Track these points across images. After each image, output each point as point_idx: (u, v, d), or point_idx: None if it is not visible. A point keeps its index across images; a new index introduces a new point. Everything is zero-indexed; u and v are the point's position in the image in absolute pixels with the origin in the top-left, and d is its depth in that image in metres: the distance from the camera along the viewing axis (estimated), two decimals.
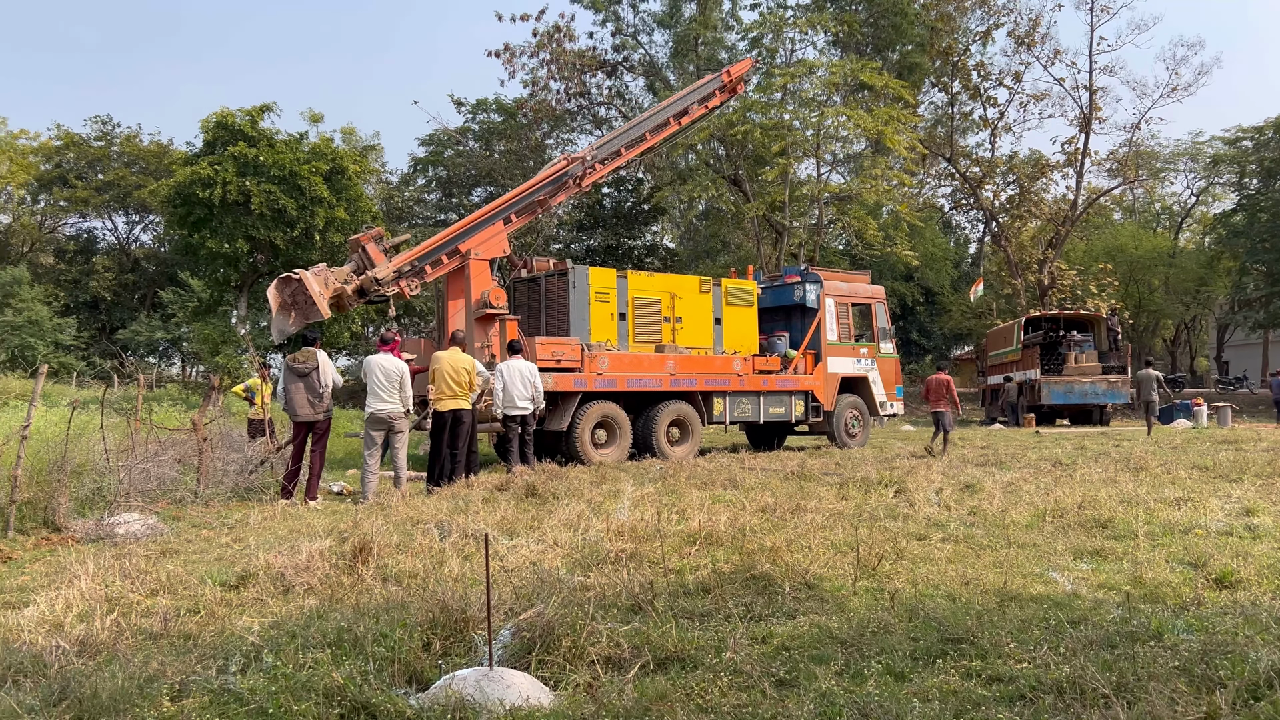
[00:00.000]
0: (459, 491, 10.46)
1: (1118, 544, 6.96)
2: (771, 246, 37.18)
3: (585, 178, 16.22)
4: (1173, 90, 41.04)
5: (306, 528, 8.30)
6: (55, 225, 56.87)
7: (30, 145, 52.76)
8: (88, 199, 51.58)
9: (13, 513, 8.09)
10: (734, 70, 19.10)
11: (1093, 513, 8.15)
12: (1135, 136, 42.84)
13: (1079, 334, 30.97)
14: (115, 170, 51.77)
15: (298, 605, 5.38)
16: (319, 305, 12.27)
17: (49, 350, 40.97)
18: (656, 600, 5.15)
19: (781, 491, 9.91)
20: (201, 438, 11.01)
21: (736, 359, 16.54)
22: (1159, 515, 8.14)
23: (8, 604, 5.63)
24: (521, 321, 15.37)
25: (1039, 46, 38.87)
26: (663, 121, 17.61)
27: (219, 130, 30.30)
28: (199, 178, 28.62)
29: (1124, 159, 42.30)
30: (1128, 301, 46.03)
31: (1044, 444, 18.40)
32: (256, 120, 30.71)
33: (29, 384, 29.19)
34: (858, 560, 6.07)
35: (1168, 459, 13.40)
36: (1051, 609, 4.97)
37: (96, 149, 52.01)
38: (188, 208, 29.53)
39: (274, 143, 30.25)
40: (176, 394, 32.10)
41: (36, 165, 52.38)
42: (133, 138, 52.65)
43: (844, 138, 35.75)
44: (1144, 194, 54.34)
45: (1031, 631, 4.51)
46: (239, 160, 28.88)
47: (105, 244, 57.07)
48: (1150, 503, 8.76)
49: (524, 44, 38.83)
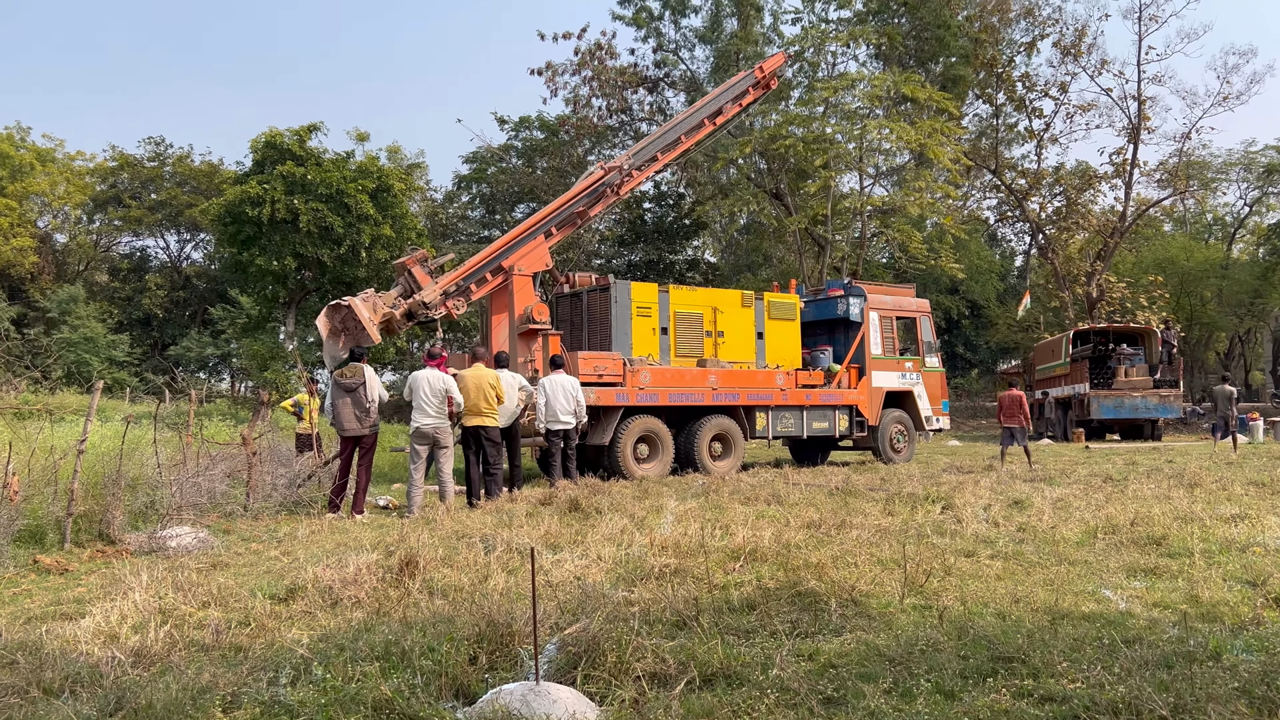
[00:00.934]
0: (503, 506, 10.53)
1: (1172, 562, 6.81)
2: (814, 260, 37.00)
3: (623, 186, 16.27)
4: (1224, 99, 40.27)
5: (353, 541, 8.39)
6: (110, 244, 58.22)
7: (86, 166, 54.14)
8: (141, 218, 52.78)
9: (69, 525, 8.27)
10: (766, 66, 19.03)
11: (1146, 529, 7.99)
12: (1186, 146, 42.06)
13: (1129, 347, 30.42)
14: (167, 190, 52.94)
15: (345, 618, 5.44)
16: (369, 331, 12.49)
17: (103, 366, 41.87)
18: (701, 616, 5.13)
19: (826, 507, 9.83)
20: (251, 452, 11.19)
21: (779, 373, 16.46)
22: (1215, 532, 7.95)
23: (65, 615, 5.75)
24: (564, 336, 15.45)
25: (1085, 57, 38.36)
26: (697, 123, 17.59)
27: (268, 150, 30.89)
28: (248, 196, 29.18)
29: (1174, 169, 41.53)
30: (1179, 314, 45.09)
31: (1094, 459, 18.07)
32: (304, 140, 31.26)
33: (84, 399, 29.87)
34: (905, 577, 6.00)
35: (1223, 474, 13.10)
36: (1105, 628, 4.87)
37: (150, 169, 53.23)
38: (237, 226, 30.10)
39: (321, 162, 30.77)
40: (226, 409, 32.64)
41: (92, 186, 53.72)
42: (184, 158, 53.82)
43: (887, 150, 35.54)
44: (1195, 205, 53.28)
45: (1085, 650, 4.42)
46: (287, 179, 29.40)
47: (157, 262, 58.33)
48: (1205, 519, 8.56)
49: (566, 62, 39.09)
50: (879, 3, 38.44)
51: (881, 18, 38.49)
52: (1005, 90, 39.06)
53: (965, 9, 37.93)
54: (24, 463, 8.95)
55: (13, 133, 50.44)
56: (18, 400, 29.83)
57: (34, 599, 6.39)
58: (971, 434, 34.51)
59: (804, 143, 31.48)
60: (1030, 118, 40.05)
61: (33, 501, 8.49)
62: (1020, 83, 39.06)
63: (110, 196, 53.64)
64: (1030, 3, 38.61)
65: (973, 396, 55.05)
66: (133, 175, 53.35)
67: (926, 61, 38.72)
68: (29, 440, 10.22)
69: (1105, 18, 71.87)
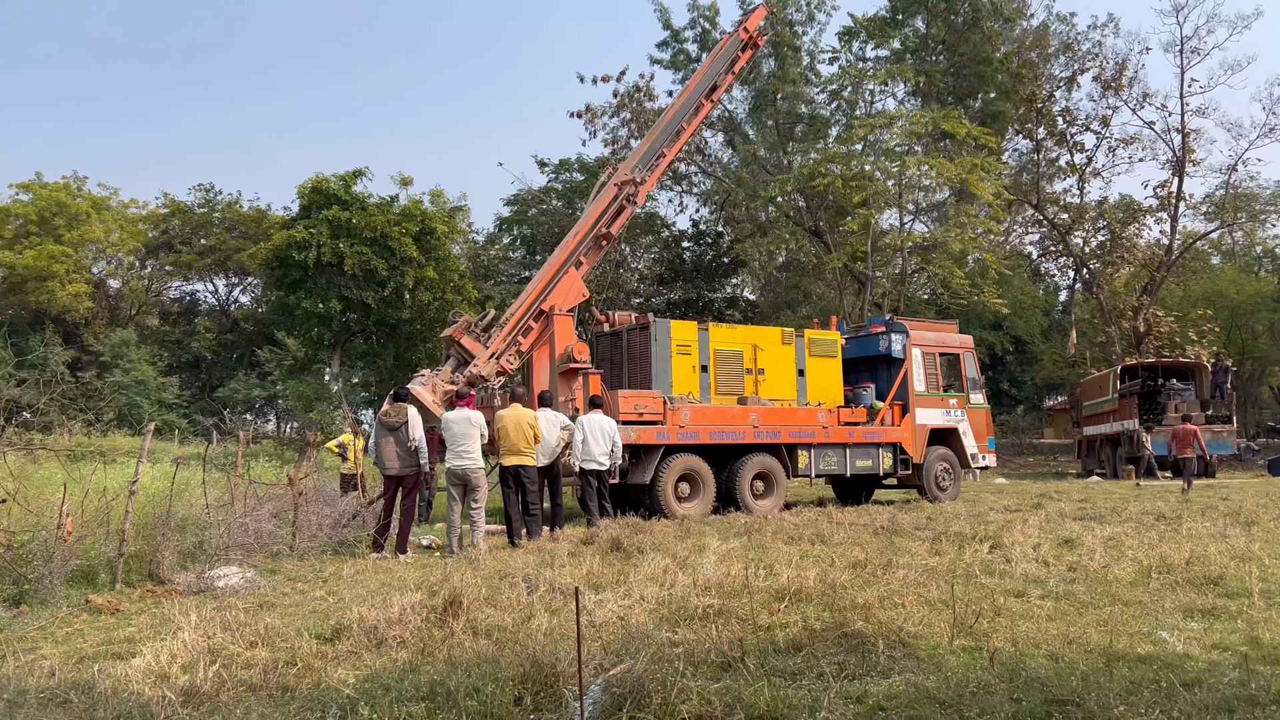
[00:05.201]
0: (544, 545, 10.54)
1: (1230, 602, 6.63)
2: (854, 297, 36.84)
3: (639, 194, 16.28)
4: (1270, 130, 39.57)
5: (398, 581, 8.43)
6: (161, 289, 59.61)
7: (139, 214, 55.62)
8: (191, 263, 54.05)
9: (120, 566, 8.40)
10: (750, 24, 18.74)
11: (1202, 569, 7.79)
12: (1232, 178, 41.45)
13: (1179, 383, 29.82)
14: (216, 235, 54.20)
15: (391, 658, 5.45)
16: (434, 412, 12.61)
17: (154, 409, 42.66)
18: (747, 657, 5.08)
19: (872, 547, 9.71)
20: (297, 493, 11.30)
21: (821, 410, 16.35)
22: (1274, 572, 7.74)
23: (116, 654, 5.83)
24: (604, 375, 15.47)
25: (1127, 90, 38.08)
26: (695, 105, 17.49)
27: (314, 195, 31.53)
28: (295, 241, 29.75)
29: (1221, 201, 40.92)
30: (1230, 348, 44.13)
31: (1145, 497, 17.68)
32: (350, 185, 31.88)
33: (136, 441, 30.40)
34: (954, 618, 5.90)
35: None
36: (1162, 670, 4.75)
37: (200, 215, 54.57)
38: (284, 269, 30.67)
39: (366, 206, 31.33)
40: (272, 449, 33.04)
41: (145, 232, 55.14)
42: (233, 204, 55.12)
43: (926, 187, 35.43)
44: (1244, 237, 52.35)
45: (1141, 693, 4.31)
46: (333, 223, 29.94)
47: (206, 306, 59.62)
48: (1264, 559, 8.34)
49: (605, 104, 39.51)
50: (917, 41, 38.55)
51: (920, 55, 38.58)
52: (1046, 125, 38.85)
53: (1004, 45, 37.91)
54: (77, 504, 9.13)
55: (69, 182, 52.02)
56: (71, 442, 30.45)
57: (86, 639, 6.48)
58: (1019, 471, 33.93)
59: (843, 180, 31.49)
60: (1072, 152, 39.76)
61: (85, 542, 8.64)
62: (1061, 117, 38.83)
63: (162, 242, 55.03)
64: (1070, 38, 38.52)
65: (1019, 433, 54.22)
66: (183, 221, 54.72)
67: (965, 98, 38.69)
68: (82, 482, 10.42)
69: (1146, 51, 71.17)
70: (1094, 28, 39.48)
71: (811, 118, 38.68)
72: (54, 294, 47.32)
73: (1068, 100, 39.12)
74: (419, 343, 32.95)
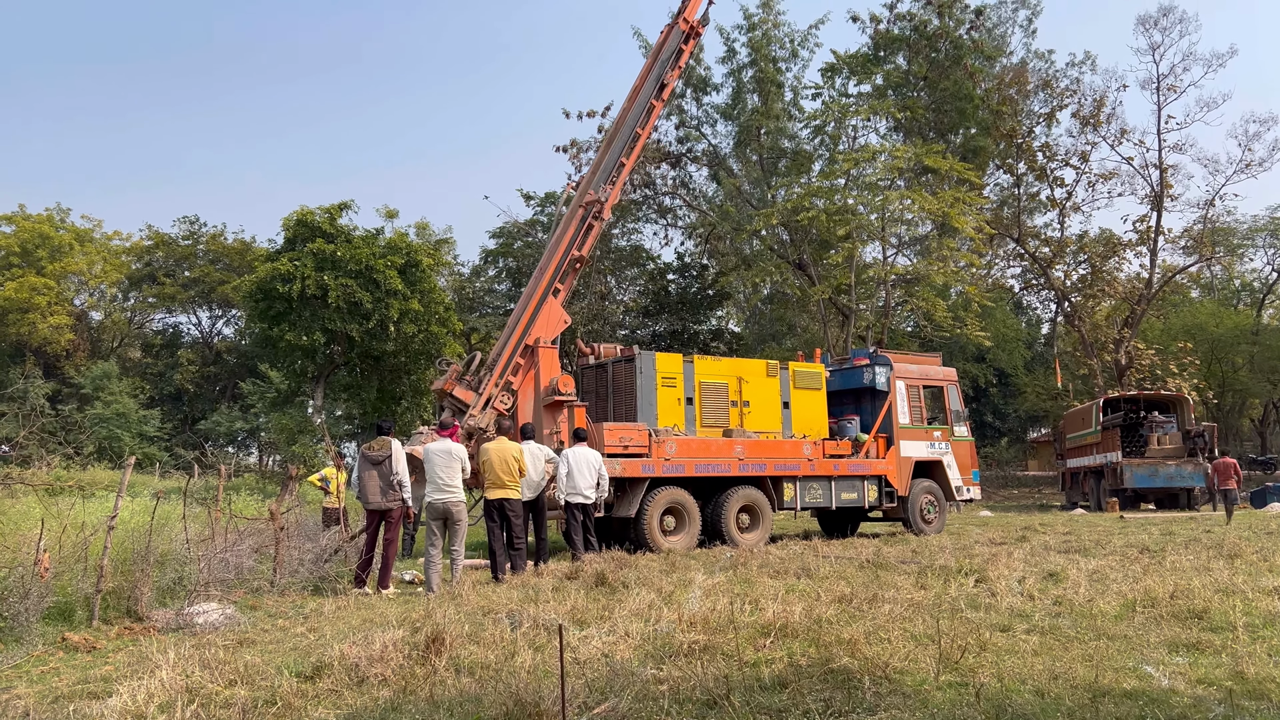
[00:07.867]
0: (528, 580, 10.44)
1: (1215, 636, 6.63)
2: (838, 329, 37.02)
3: (604, 209, 16.26)
4: (1246, 166, 40.29)
5: (380, 617, 8.34)
6: (143, 321, 59.35)
7: (123, 245, 55.46)
8: (174, 295, 53.87)
9: (97, 602, 8.28)
10: (689, 14, 17.93)
11: (1186, 603, 7.80)
12: (1210, 213, 42.06)
13: (1161, 415, 30.03)
14: (200, 267, 54.06)
15: (372, 697, 5.38)
16: None
17: (135, 441, 42.28)
18: (732, 695, 5.04)
19: (857, 580, 9.69)
20: (278, 527, 11.18)
21: (806, 443, 16.36)
22: (1258, 605, 7.75)
23: (92, 694, 5.73)
24: (589, 407, 15.45)
25: (1105, 126, 38.64)
26: (646, 107, 17.25)
27: (299, 227, 31.48)
28: (279, 273, 29.66)
29: (1199, 236, 41.46)
30: (1210, 381, 44.53)
31: (1129, 529, 17.72)
32: (335, 217, 31.86)
33: (116, 475, 30.10)
34: (940, 653, 5.88)
35: (1263, 545, 12.80)
36: (1148, 706, 4.74)
37: (184, 248, 54.45)
38: (268, 302, 30.54)
39: (351, 238, 31.30)
40: (253, 483, 32.78)
41: (128, 264, 54.97)
42: (218, 236, 55.03)
43: (909, 220, 35.74)
44: (1222, 271, 53.00)
45: None
46: (318, 256, 29.87)
47: (189, 338, 59.34)
48: (1248, 592, 8.36)
49: (590, 139, 39.81)
50: (899, 77, 39.04)
51: (902, 91, 39.06)
52: (1026, 160, 39.35)
53: (984, 82, 38.46)
54: (55, 539, 9.01)
55: (53, 214, 51.90)
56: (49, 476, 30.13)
57: (61, 677, 6.37)
58: (1003, 504, 33.99)
59: (826, 214, 31.76)
60: (1052, 187, 40.25)
61: (62, 578, 8.52)
62: (1041, 153, 39.35)
63: (145, 274, 54.85)
64: (1048, 74, 39.15)
65: (1003, 465, 54.36)
66: (167, 253, 54.59)
67: (947, 133, 39.17)
68: (60, 517, 10.30)
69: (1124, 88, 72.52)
70: (1072, 65, 40.27)
71: (795, 152, 39.06)
72: (35, 326, 47.06)
73: (1047, 136, 39.71)
74: (403, 375, 32.82)
